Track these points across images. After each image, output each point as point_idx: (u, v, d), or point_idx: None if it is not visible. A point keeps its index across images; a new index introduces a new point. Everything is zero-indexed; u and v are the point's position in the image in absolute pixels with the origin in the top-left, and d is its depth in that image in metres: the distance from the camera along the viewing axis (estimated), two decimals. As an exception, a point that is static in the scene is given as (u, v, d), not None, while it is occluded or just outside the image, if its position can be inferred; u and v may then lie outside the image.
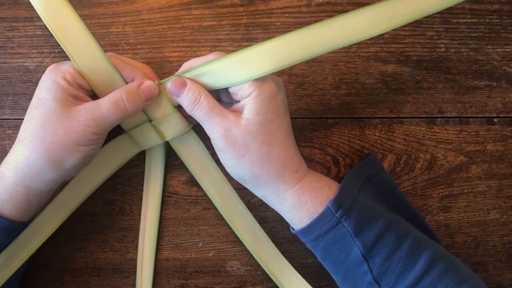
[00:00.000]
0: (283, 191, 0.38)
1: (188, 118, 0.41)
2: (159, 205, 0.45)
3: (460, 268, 0.37)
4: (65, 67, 0.38)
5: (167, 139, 0.42)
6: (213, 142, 0.38)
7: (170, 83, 0.38)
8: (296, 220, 0.38)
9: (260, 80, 0.37)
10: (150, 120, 0.41)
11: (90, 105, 0.37)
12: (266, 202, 0.40)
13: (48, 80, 0.37)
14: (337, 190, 0.38)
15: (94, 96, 0.39)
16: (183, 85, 0.38)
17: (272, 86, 0.37)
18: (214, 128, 0.37)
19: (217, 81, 0.38)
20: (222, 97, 0.41)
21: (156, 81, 0.39)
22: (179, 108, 0.41)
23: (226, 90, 0.39)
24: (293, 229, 0.40)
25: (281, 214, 0.40)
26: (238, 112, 0.37)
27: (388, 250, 0.36)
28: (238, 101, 0.38)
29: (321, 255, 0.39)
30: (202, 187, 0.44)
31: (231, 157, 0.37)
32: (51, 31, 0.38)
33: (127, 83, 0.39)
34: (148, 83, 0.39)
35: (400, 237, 0.37)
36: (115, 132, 0.41)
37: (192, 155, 0.43)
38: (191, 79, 0.38)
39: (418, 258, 0.36)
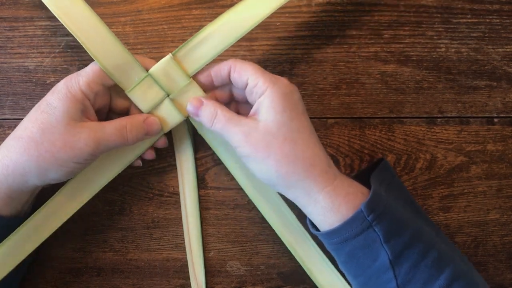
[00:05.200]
0: (315, 192, 0.37)
1: (204, 87, 0.41)
2: (197, 200, 0.45)
3: (480, 285, 0.37)
4: (82, 78, 0.38)
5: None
6: (236, 151, 0.38)
7: (189, 105, 0.40)
8: (326, 224, 0.37)
9: (274, 78, 0.37)
10: (168, 95, 0.40)
11: (95, 125, 0.37)
12: (299, 206, 0.39)
13: (63, 90, 0.37)
14: (370, 194, 0.37)
15: (99, 113, 0.40)
16: (200, 103, 0.39)
17: (286, 84, 0.37)
18: (234, 136, 0.37)
19: (230, 36, 0.39)
20: (240, 110, 0.42)
21: (170, 54, 0.39)
22: (195, 79, 0.40)
23: (244, 100, 0.40)
24: (317, 230, 0.39)
25: (311, 217, 0.38)
26: (256, 115, 0.37)
27: (414, 259, 0.36)
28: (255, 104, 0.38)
29: (344, 258, 0.38)
30: (229, 169, 0.43)
31: (256, 161, 0.37)
32: (69, 30, 0.37)
33: (147, 70, 0.40)
34: (152, 119, 0.40)
35: (427, 247, 0.36)
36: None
37: (216, 135, 0.42)
38: (207, 98, 0.39)
39: (442, 270, 0.36)
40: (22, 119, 0.44)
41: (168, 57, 0.39)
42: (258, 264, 0.46)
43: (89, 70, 0.38)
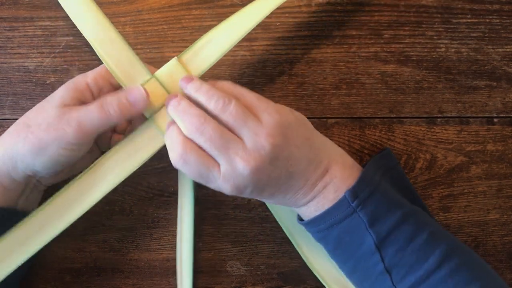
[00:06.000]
0: (301, 204, 0.39)
1: None
2: (192, 205, 0.44)
3: (474, 265, 0.37)
4: (91, 72, 0.39)
5: None
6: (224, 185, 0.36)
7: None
8: (313, 214, 0.39)
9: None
10: None
11: (79, 107, 0.37)
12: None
13: (69, 81, 0.38)
14: (356, 179, 0.37)
15: None
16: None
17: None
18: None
19: (233, 37, 0.40)
20: None
21: (175, 57, 0.39)
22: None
23: None
24: (302, 220, 0.40)
25: (300, 213, 0.40)
26: None
27: (401, 242, 0.36)
28: None
29: (333, 244, 0.39)
30: None
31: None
32: (79, 29, 0.39)
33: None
34: (134, 86, 0.38)
35: (416, 229, 0.37)
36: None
37: None
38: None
39: (431, 252, 0.36)
40: (22, 119, 0.44)
41: (173, 60, 0.39)
42: (258, 264, 0.46)
43: (99, 67, 0.39)
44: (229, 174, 0.35)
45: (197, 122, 0.35)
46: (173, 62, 0.39)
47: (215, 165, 0.35)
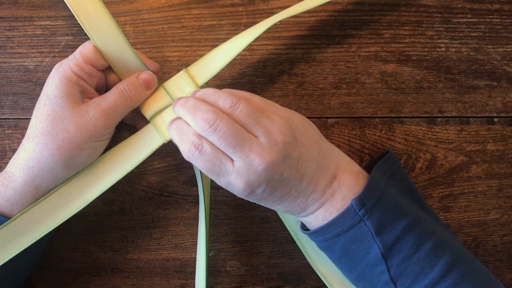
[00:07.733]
0: (309, 212, 0.38)
1: None
2: (208, 205, 0.44)
3: (478, 275, 0.37)
4: (71, 61, 0.38)
5: None
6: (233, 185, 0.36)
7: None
8: (318, 222, 0.38)
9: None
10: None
11: (98, 99, 0.38)
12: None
13: (56, 77, 0.37)
14: (363, 188, 0.37)
15: (100, 90, 0.40)
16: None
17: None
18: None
19: (239, 46, 0.40)
20: None
21: (184, 69, 0.40)
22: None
23: None
24: (307, 230, 0.39)
25: (305, 222, 0.40)
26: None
27: (407, 251, 0.36)
28: None
29: (338, 254, 0.39)
30: None
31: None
32: (71, 10, 0.38)
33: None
34: (144, 74, 0.40)
35: (421, 239, 0.37)
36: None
37: None
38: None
39: (436, 262, 0.36)
40: (21, 118, 0.44)
41: (182, 72, 0.40)
42: (258, 264, 0.46)
43: (77, 53, 0.38)
44: (244, 170, 0.34)
45: (210, 118, 0.34)
46: (181, 74, 0.40)
47: (229, 158, 0.35)
